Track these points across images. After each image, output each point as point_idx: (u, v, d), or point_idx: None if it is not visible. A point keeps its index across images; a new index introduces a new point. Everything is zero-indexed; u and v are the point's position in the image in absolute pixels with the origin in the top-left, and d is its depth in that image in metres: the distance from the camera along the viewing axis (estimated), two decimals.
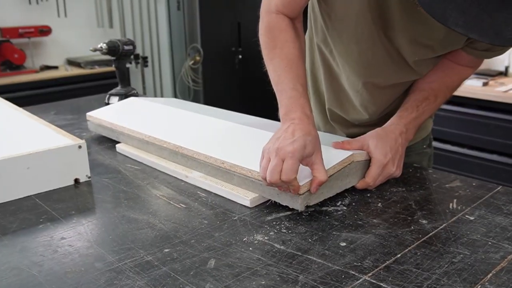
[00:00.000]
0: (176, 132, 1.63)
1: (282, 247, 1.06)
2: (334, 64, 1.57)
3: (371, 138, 1.39)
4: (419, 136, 1.69)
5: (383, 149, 1.36)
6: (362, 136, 1.42)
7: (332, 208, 1.25)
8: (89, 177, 1.48)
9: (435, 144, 3.76)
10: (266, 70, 1.41)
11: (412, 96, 1.50)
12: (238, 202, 1.30)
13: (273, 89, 1.36)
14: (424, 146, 1.74)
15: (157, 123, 1.75)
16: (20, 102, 2.36)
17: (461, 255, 1.01)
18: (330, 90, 1.63)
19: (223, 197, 1.33)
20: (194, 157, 1.46)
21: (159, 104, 1.97)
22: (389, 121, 1.47)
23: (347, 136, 1.63)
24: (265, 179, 1.18)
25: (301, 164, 1.18)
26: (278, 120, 1.33)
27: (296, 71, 1.34)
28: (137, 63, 5.58)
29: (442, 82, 1.50)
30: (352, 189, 1.35)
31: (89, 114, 1.93)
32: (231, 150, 1.44)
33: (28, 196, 1.38)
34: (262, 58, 1.43)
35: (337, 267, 0.98)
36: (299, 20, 1.42)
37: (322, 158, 1.21)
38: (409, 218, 1.18)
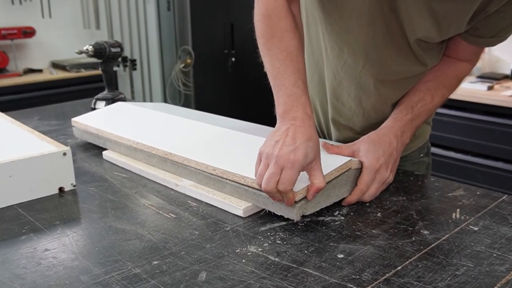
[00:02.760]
0: (165, 138, 1.63)
1: (276, 259, 1.06)
2: (329, 48, 1.54)
3: (362, 143, 1.38)
4: (415, 144, 1.68)
5: (376, 153, 1.35)
6: (353, 142, 1.40)
7: (329, 218, 1.25)
8: (74, 186, 1.48)
9: (437, 151, 3.78)
10: (261, 73, 1.39)
11: (406, 97, 1.50)
12: (230, 211, 1.29)
13: (269, 85, 1.33)
14: (421, 155, 1.73)
15: (145, 129, 1.75)
16: (2, 107, 2.37)
17: (465, 268, 1.01)
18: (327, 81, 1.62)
19: (215, 206, 1.33)
20: (184, 163, 1.46)
21: (147, 109, 1.97)
22: (382, 125, 1.46)
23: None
24: (260, 185, 1.18)
25: None
26: (273, 125, 1.30)
27: (296, 64, 1.30)
28: (125, 66, 5.58)
29: (439, 81, 1.49)
30: None
31: (74, 119, 1.93)
32: (222, 156, 1.44)
33: (10, 205, 1.38)
34: (256, 61, 1.41)
35: (334, 280, 0.98)
36: (296, 4, 1.38)
37: (320, 164, 1.21)
38: (410, 228, 1.18)
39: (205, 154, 1.46)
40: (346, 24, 1.44)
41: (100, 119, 1.89)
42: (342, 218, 1.25)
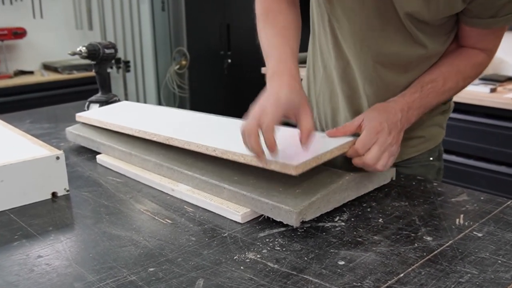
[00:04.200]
0: (163, 127, 1.67)
1: (275, 266, 1.06)
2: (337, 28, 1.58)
3: (367, 112, 1.39)
4: (425, 146, 1.68)
5: (379, 118, 1.34)
6: (360, 115, 1.40)
7: (330, 224, 1.25)
8: (67, 191, 1.48)
9: None
10: (259, 75, 1.45)
11: (418, 78, 1.50)
12: (228, 217, 1.30)
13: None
14: (431, 158, 1.71)
15: (145, 121, 1.78)
16: None
17: (469, 275, 1.01)
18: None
19: (212, 212, 1.33)
20: (184, 147, 1.49)
21: (150, 107, 2.00)
22: (390, 99, 1.46)
23: None
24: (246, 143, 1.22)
25: (285, 142, 1.23)
26: None
27: (287, 36, 1.41)
28: (118, 67, 5.59)
29: (452, 65, 1.49)
30: (351, 204, 1.35)
31: (79, 114, 1.96)
32: (221, 139, 1.47)
33: (2, 211, 1.37)
34: (253, 63, 1.46)
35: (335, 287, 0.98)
36: None
37: (310, 111, 1.24)
38: (412, 234, 1.18)
39: (204, 138, 1.48)
40: (342, 6, 1.49)
41: (103, 115, 1.91)
42: (343, 223, 1.25)
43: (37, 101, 4.41)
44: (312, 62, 1.77)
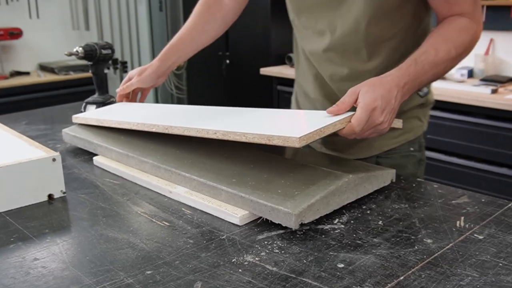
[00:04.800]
0: (162, 119, 1.68)
1: (274, 268, 1.06)
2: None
3: (362, 86, 1.40)
4: (405, 138, 1.76)
5: (373, 94, 1.36)
6: (355, 86, 1.42)
7: (329, 226, 1.25)
8: (64, 193, 1.48)
9: (439, 156, 3.79)
10: (257, 76, 1.49)
11: (411, 54, 1.51)
12: (226, 219, 1.30)
13: (264, 88, 1.42)
14: (411, 149, 1.79)
15: (146, 117, 1.80)
16: None
17: (470, 278, 1.01)
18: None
19: (210, 214, 1.33)
20: (185, 134, 1.50)
21: (146, 105, 2.02)
22: (386, 73, 1.46)
23: None
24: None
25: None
26: None
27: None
28: (115, 68, 5.59)
29: (438, 34, 1.51)
30: (351, 206, 1.35)
31: (75, 116, 1.96)
32: (220, 123, 1.49)
33: None
34: (252, 64, 1.50)
35: None
36: None
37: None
38: (412, 237, 1.18)
39: (203, 124, 1.50)
40: None
41: (100, 115, 1.92)
42: (342, 226, 1.25)
43: (33, 102, 4.41)
44: (295, 44, 1.90)
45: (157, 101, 6.11)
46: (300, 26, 1.75)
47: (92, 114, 1.97)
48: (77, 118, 1.97)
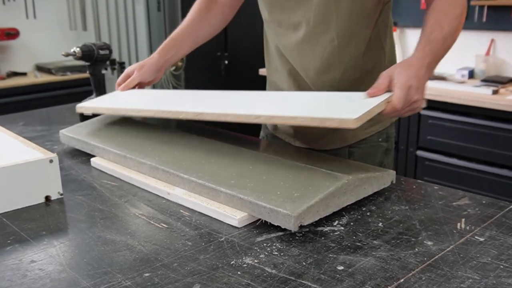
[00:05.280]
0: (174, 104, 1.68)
1: (273, 271, 1.06)
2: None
3: (396, 68, 1.47)
4: (374, 129, 1.86)
5: (406, 74, 1.43)
6: (387, 70, 1.49)
7: (328, 228, 1.25)
8: (61, 194, 1.48)
9: (439, 157, 3.79)
10: (256, 76, 1.50)
11: (420, 37, 1.57)
12: (225, 221, 1.30)
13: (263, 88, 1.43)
14: (380, 139, 1.89)
15: (165, 103, 1.83)
16: None
17: (470, 280, 1.01)
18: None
19: (208, 216, 1.33)
20: (220, 120, 1.50)
21: (155, 91, 2.03)
22: (409, 57, 1.54)
23: None
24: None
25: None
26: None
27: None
28: (113, 69, 5.57)
29: (437, 11, 1.58)
30: (350, 208, 1.35)
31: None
32: (257, 107, 1.51)
33: None
34: (251, 64, 1.50)
35: None
36: None
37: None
38: (412, 239, 1.19)
39: (237, 108, 1.52)
40: None
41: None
42: (342, 228, 1.25)
43: (30, 103, 4.40)
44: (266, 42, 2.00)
45: None
46: (273, 22, 1.81)
47: (97, 102, 1.96)
48: (82, 108, 1.96)
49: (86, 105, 1.95)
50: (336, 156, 1.70)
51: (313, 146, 1.89)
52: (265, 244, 1.18)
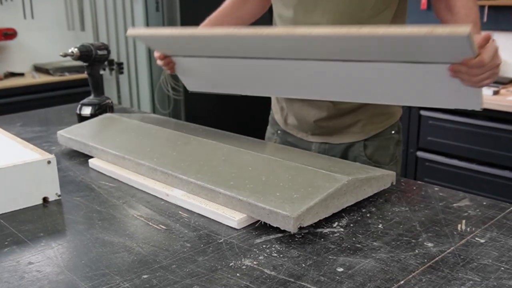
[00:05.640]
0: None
1: (272, 272, 1.06)
2: None
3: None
4: (388, 122, 1.92)
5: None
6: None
7: (328, 229, 1.25)
8: (59, 196, 1.48)
9: (440, 159, 3.79)
10: None
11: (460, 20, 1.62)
12: (224, 223, 1.30)
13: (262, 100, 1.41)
14: (393, 132, 1.95)
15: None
16: None
17: (471, 282, 1.01)
18: None
19: (207, 217, 1.33)
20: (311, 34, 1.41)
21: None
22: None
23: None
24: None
25: None
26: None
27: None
28: (111, 69, 5.57)
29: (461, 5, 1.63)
30: (350, 209, 1.35)
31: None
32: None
33: None
34: None
35: None
36: None
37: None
38: (413, 240, 1.19)
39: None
40: None
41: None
42: (342, 229, 1.25)
43: (28, 103, 4.39)
44: None
45: (153, 103, 6.10)
46: (292, 22, 1.77)
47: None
48: (133, 30, 1.80)
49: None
50: (334, 157, 1.70)
51: (328, 140, 1.92)
52: (264, 246, 1.18)
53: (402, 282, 1.02)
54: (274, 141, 2.07)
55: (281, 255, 1.13)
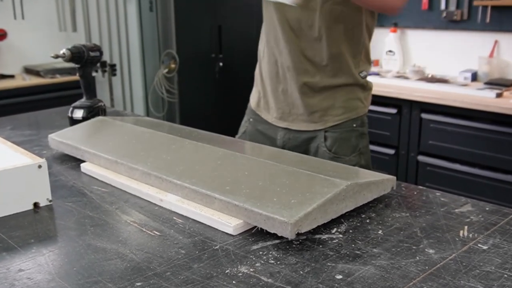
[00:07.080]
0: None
1: (269, 280, 1.06)
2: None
3: None
4: (347, 116, 2.12)
5: None
6: None
7: (327, 235, 1.26)
8: (50, 201, 1.48)
9: (442, 163, 3.80)
10: (251, 78, 1.53)
11: None
12: (219, 229, 1.30)
13: None
14: (354, 125, 2.14)
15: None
16: None
17: None
18: None
19: (202, 223, 1.33)
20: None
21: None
22: None
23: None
24: None
25: None
26: None
27: None
28: (104, 71, 5.58)
29: None
30: (349, 215, 1.35)
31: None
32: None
33: None
34: (246, 66, 1.51)
35: None
36: None
37: None
38: (414, 247, 1.19)
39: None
40: None
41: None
42: (341, 236, 1.25)
43: (18, 106, 4.40)
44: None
45: (147, 105, 6.10)
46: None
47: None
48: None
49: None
50: (332, 161, 1.70)
51: (290, 126, 2.17)
52: (261, 252, 1.18)
53: None
54: (245, 130, 2.29)
55: (278, 262, 1.13)
